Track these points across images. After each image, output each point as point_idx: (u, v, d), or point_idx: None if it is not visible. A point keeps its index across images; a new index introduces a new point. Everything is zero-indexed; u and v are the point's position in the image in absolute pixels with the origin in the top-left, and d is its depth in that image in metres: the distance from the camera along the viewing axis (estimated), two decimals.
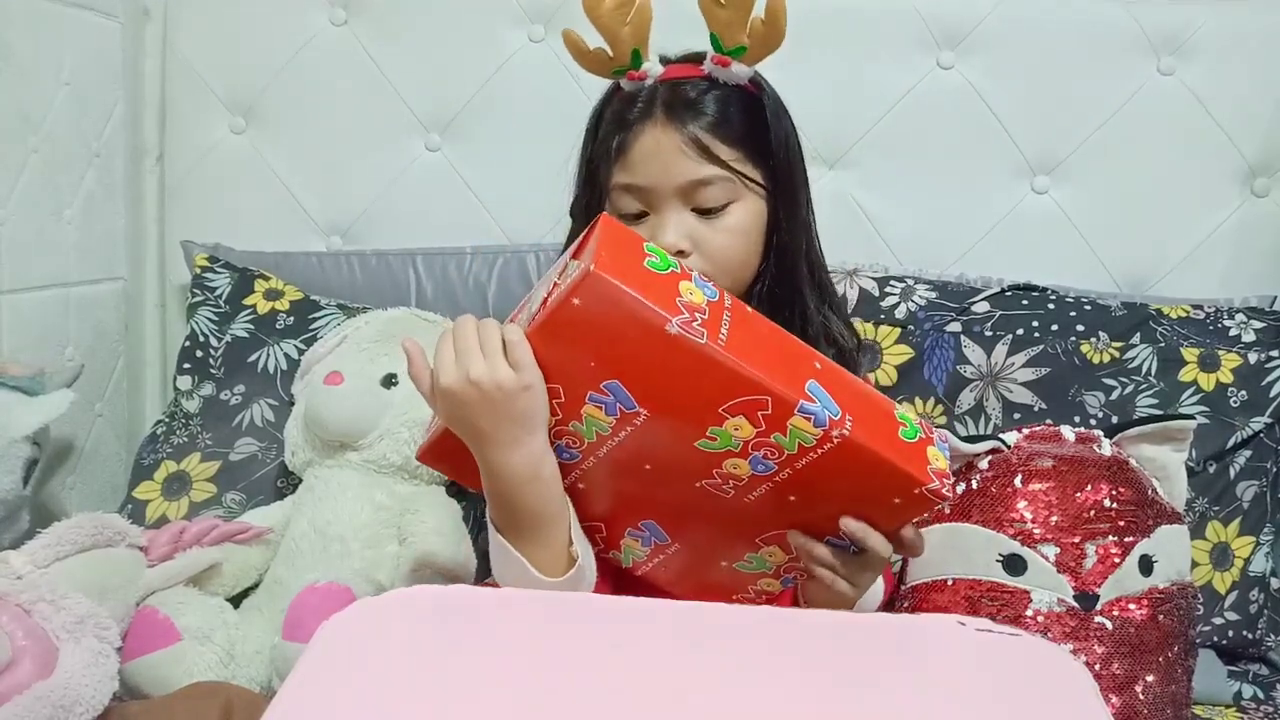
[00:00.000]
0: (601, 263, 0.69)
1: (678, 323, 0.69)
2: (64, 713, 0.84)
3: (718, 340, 0.70)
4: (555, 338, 0.73)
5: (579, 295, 0.70)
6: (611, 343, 0.71)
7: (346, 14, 1.49)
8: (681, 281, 0.73)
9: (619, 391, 0.73)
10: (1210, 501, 1.27)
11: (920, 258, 1.47)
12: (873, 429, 0.74)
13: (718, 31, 0.88)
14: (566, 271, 0.73)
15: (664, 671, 0.64)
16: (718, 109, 0.91)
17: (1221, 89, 1.43)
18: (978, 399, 1.30)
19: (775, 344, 0.76)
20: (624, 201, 0.91)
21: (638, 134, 0.90)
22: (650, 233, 0.90)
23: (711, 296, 0.74)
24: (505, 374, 0.74)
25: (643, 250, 0.73)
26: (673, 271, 0.73)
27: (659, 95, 0.90)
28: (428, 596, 0.71)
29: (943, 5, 1.44)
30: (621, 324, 0.70)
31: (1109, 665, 1.00)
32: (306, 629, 0.94)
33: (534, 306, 0.77)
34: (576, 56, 0.89)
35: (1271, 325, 1.33)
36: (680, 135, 0.89)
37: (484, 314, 1.43)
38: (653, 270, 0.72)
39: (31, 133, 1.28)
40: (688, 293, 0.72)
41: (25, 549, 0.95)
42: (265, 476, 1.28)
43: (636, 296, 0.69)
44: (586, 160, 0.96)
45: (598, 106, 0.97)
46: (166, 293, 1.57)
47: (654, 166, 0.89)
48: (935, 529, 1.09)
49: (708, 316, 0.71)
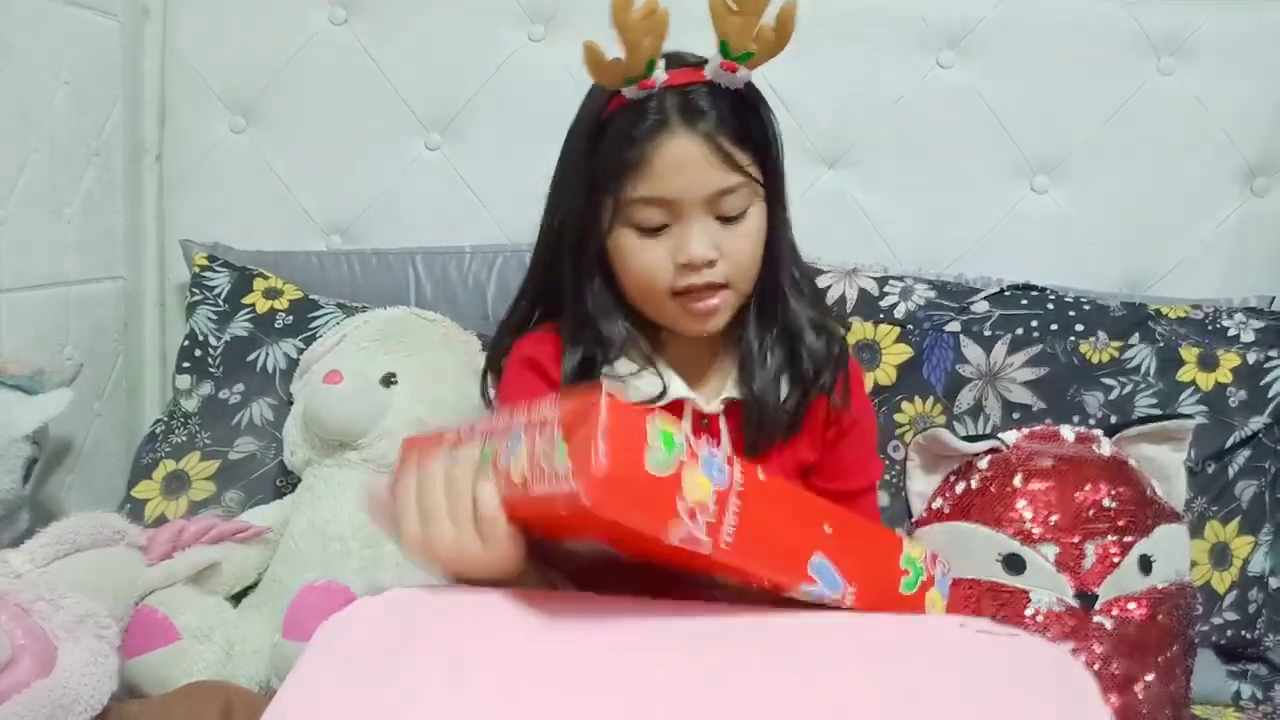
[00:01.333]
0: (602, 493, 0.61)
1: (678, 536, 0.64)
2: (63, 712, 0.84)
3: (721, 544, 0.66)
4: (536, 521, 0.67)
5: (569, 512, 0.63)
6: (602, 537, 0.67)
7: (346, 14, 1.49)
8: (687, 474, 0.65)
9: (605, 549, 0.70)
10: (1209, 501, 1.28)
11: (919, 257, 1.47)
12: (873, 594, 0.73)
13: (728, 36, 0.86)
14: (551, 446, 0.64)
15: (664, 671, 0.64)
16: (730, 115, 0.88)
17: (1221, 89, 1.43)
18: (977, 398, 1.30)
19: (785, 519, 0.71)
20: (645, 214, 0.88)
21: (659, 145, 0.86)
22: (676, 244, 0.88)
23: (720, 483, 0.67)
24: (473, 550, 0.67)
25: (645, 440, 0.64)
26: (679, 462, 0.65)
27: (670, 103, 0.87)
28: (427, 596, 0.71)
29: (943, 5, 1.45)
30: (617, 531, 0.64)
31: (1108, 665, 1.00)
32: (306, 628, 0.94)
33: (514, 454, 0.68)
34: (594, 67, 0.84)
35: (1270, 325, 1.33)
36: (706, 145, 0.86)
37: (483, 314, 1.45)
38: (654, 474, 0.64)
39: (31, 132, 1.28)
40: (692, 490, 0.65)
41: (24, 548, 0.95)
42: (264, 476, 1.28)
43: (634, 524, 0.63)
44: (586, 175, 0.91)
45: (589, 119, 0.92)
46: (166, 292, 1.57)
47: (681, 178, 0.86)
48: (935, 528, 1.09)
49: (713, 516, 0.66)
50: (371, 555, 1.13)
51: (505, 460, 0.68)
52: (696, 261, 0.87)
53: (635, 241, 0.89)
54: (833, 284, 1.34)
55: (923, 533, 1.11)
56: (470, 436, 0.73)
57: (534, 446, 0.65)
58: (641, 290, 0.91)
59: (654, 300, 0.91)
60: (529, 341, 0.98)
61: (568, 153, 0.95)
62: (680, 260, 0.88)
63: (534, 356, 0.96)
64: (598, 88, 0.92)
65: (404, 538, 0.70)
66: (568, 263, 0.94)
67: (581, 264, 0.93)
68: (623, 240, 0.90)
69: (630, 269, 0.90)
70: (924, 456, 1.13)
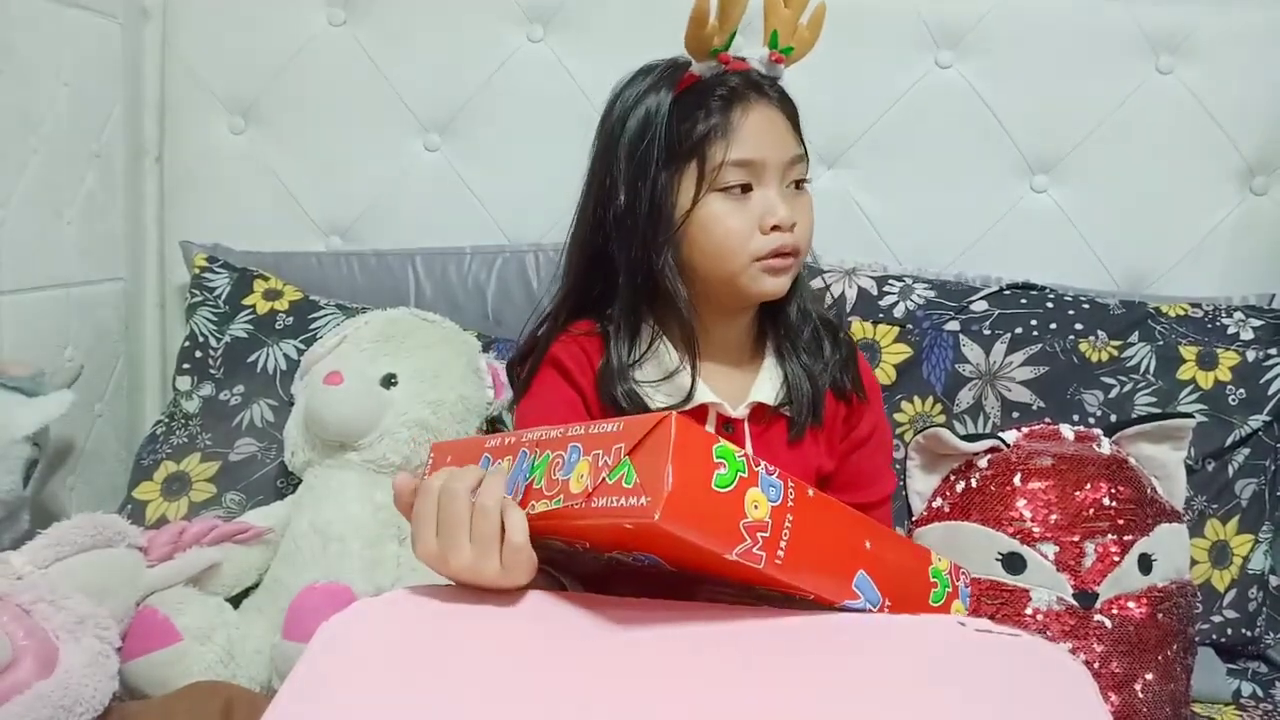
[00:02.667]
0: (671, 509, 0.62)
1: (737, 552, 0.66)
2: (64, 712, 0.84)
3: (776, 559, 0.68)
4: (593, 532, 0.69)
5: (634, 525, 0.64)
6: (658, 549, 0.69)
7: (346, 14, 1.49)
8: (749, 492, 0.67)
9: (655, 560, 0.71)
10: (1209, 499, 1.28)
11: (919, 257, 1.47)
12: (905, 607, 0.74)
13: (779, 28, 0.92)
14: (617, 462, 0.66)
15: (664, 671, 0.64)
16: (785, 96, 0.94)
17: (1220, 88, 1.43)
18: (976, 398, 1.30)
19: (831, 536, 0.73)
20: (734, 176, 0.91)
21: (747, 109, 0.90)
22: (763, 209, 0.90)
23: (775, 500, 0.69)
24: (490, 573, 0.67)
25: (712, 460, 0.66)
26: (740, 480, 0.67)
27: (738, 80, 0.92)
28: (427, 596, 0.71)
29: (941, 4, 1.45)
30: (677, 546, 0.66)
31: (1108, 663, 1.00)
32: (306, 629, 0.94)
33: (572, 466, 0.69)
34: (697, 22, 0.88)
35: (1270, 323, 1.33)
36: (782, 112, 0.92)
37: (483, 314, 1.45)
38: (719, 491, 0.66)
39: (31, 133, 1.28)
40: (752, 508, 0.67)
41: (25, 549, 0.96)
42: (265, 476, 1.28)
43: (697, 540, 0.65)
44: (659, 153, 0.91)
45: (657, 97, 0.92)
46: (166, 293, 1.57)
47: (768, 140, 0.91)
48: (935, 528, 1.09)
49: (769, 533, 0.68)
50: (372, 556, 1.13)
51: (562, 473, 0.69)
52: (785, 223, 0.91)
53: (723, 206, 0.91)
54: (833, 283, 1.34)
55: (922, 532, 1.11)
56: (513, 446, 0.74)
57: (597, 461, 0.67)
58: (725, 256, 0.92)
59: (734, 267, 0.92)
60: (559, 344, 0.98)
61: (625, 137, 0.94)
62: (769, 222, 0.90)
63: (562, 359, 0.97)
64: (649, 76, 0.94)
65: (419, 546, 0.70)
66: (634, 245, 0.93)
67: (658, 240, 0.92)
68: (710, 207, 0.91)
69: (716, 235, 0.91)
70: (924, 455, 1.13)
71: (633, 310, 0.95)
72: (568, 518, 0.68)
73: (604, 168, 0.96)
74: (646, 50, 0.95)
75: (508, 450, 0.75)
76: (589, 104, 1.43)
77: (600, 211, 0.96)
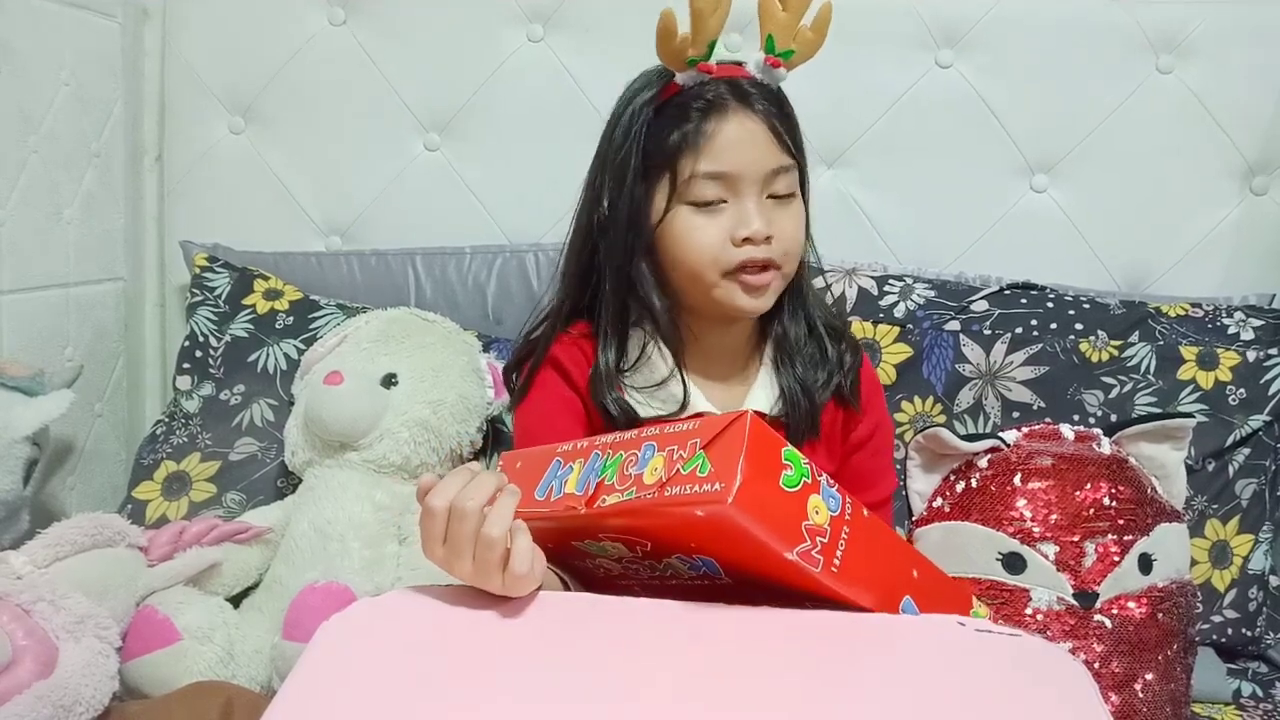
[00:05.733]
0: (742, 497, 0.65)
1: (797, 551, 0.68)
2: (64, 712, 0.84)
3: (832, 567, 0.70)
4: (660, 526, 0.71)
5: (706, 512, 0.66)
6: (720, 546, 0.70)
7: (346, 14, 1.49)
8: (811, 497, 0.70)
9: (711, 565, 0.73)
10: (1209, 499, 1.28)
11: (919, 257, 1.47)
12: None
13: (775, 33, 0.90)
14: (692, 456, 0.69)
15: (664, 671, 0.64)
16: (778, 103, 0.92)
17: (1220, 87, 1.43)
18: (976, 398, 1.30)
19: (883, 556, 0.75)
20: (704, 189, 0.89)
21: (722, 121, 0.89)
22: (735, 220, 0.89)
23: (834, 510, 0.71)
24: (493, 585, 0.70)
25: (781, 461, 0.69)
26: (805, 484, 0.70)
27: (723, 88, 0.90)
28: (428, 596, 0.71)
29: (941, 4, 1.45)
30: (740, 541, 0.68)
31: (1108, 663, 1.00)
32: (306, 629, 0.94)
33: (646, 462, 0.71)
34: (664, 38, 0.87)
35: (1270, 323, 1.33)
36: (763, 123, 0.90)
37: (483, 314, 1.45)
38: (786, 490, 0.69)
39: (31, 133, 1.28)
40: (814, 512, 0.70)
41: (25, 549, 0.96)
42: (265, 476, 1.28)
43: (762, 534, 0.67)
44: (639, 160, 0.92)
45: (639, 105, 0.93)
46: (166, 293, 1.57)
47: (743, 152, 0.89)
48: (935, 528, 1.09)
49: (828, 540, 0.70)
50: (372, 556, 1.13)
51: (636, 468, 0.71)
52: (757, 235, 0.89)
53: (693, 219, 0.90)
54: (833, 284, 1.34)
55: (923, 531, 1.11)
56: (586, 450, 0.76)
57: (672, 455, 0.70)
58: (695, 270, 0.91)
59: (705, 281, 0.91)
60: (558, 345, 0.98)
61: (611, 145, 0.95)
62: (741, 234, 0.89)
63: (561, 361, 0.97)
64: (643, 81, 0.94)
65: (426, 550, 0.72)
66: (617, 249, 0.94)
67: (633, 249, 0.93)
68: (680, 219, 0.91)
69: (686, 248, 0.91)
70: (924, 455, 1.13)
71: (618, 317, 0.95)
72: (639, 511, 0.70)
73: (594, 173, 0.97)
74: (647, 50, 0.94)
75: (580, 454, 0.77)
76: (589, 104, 1.43)
77: (588, 217, 0.97)
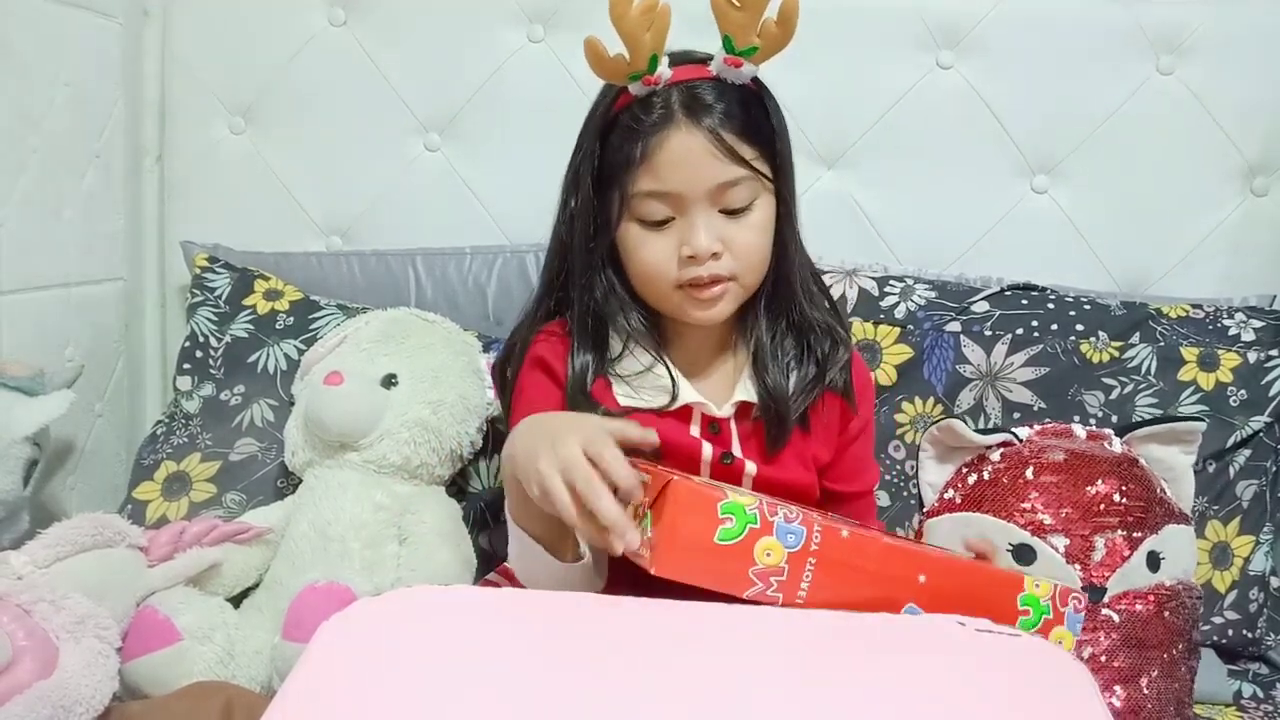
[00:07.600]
0: (664, 563, 0.72)
1: (749, 594, 0.72)
2: (64, 713, 0.84)
3: (796, 599, 0.73)
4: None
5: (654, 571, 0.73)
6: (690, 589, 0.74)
7: (346, 14, 1.49)
8: (760, 541, 0.72)
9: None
10: (1210, 501, 1.28)
11: (919, 257, 1.47)
12: None
13: (731, 33, 0.88)
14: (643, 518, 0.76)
15: (664, 671, 0.64)
16: (736, 109, 0.90)
17: (1221, 88, 1.43)
18: (977, 399, 1.30)
19: (870, 573, 0.75)
20: (649, 208, 0.89)
21: (663, 139, 0.88)
22: (680, 237, 0.89)
23: (794, 545, 0.72)
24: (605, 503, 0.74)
25: (717, 516, 0.72)
26: (750, 531, 0.72)
27: (675, 99, 0.88)
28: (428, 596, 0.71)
29: (942, 4, 1.45)
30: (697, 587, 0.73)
31: (1114, 658, 1.01)
32: (306, 629, 0.94)
33: None
34: (595, 62, 0.86)
35: (1271, 324, 1.33)
36: (707, 138, 0.88)
37: (483, 314, 1.45)
38: (722, 544, 0.71)
39: (31, 133, 1.28)
40: (764, 555, 0.72)
41: (25, 549, 0.95)
42: (265, 477, 1.28)
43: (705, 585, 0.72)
44: (592, 170, 0.93)
45: (599, 115, 0.94)
46: (166, 293, 1.57)
47: (683, 171, 0.88)
48: (945, 519, 1.10)
49: (785, 577, 0.72)
50: (372, 556, 1.12)
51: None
52: (700, 254, 0.89)
53: (641, 234, 0.91)
54: (833, 284, 1.33)
55: (934, 523, 1.11)
56: None
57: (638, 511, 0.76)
58: (647, 282, 0.93)
59: (659, 292, 0.93)
60: (540, 340, 0.99)
61: (579, 150, 0.96)
62: (685, 253, 0.89)
63: (544, 357, 0.98)
64: (608, 85, 0.93)
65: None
66: (579, 256, 0.95)
67: (592, 257, 0.94)
68: (629, 234, 0.91)
69: (636, 262, 0.92)
70: (937, 447, 1.13)
71: (586, 319, 0.96)
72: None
73: (565, 179, 0.97)
74: None
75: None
76: (589, 104, 1.42)
77: (561, 215, 0.98)
